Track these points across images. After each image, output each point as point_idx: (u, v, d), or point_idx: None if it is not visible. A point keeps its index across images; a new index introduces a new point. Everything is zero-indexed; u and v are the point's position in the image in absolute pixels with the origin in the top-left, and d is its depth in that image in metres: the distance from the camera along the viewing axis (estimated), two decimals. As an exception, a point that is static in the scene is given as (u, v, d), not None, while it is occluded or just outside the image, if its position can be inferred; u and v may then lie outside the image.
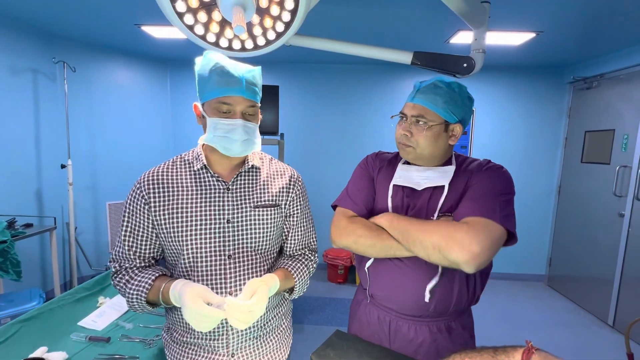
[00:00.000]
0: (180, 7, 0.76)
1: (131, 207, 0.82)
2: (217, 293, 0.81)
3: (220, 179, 0.84)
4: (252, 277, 0.84)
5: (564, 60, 3.09)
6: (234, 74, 0.77)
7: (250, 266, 0.84)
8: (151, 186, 0.81)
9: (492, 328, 2.64)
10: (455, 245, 0.73)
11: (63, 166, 2.70)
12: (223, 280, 0.81)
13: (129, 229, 0.82)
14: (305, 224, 0.96)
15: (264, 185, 0.88)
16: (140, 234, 0.82)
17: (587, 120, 3.10)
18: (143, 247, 0.83)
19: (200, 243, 0.80)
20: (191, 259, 0.81)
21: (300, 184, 0.95)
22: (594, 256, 2.93)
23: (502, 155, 3.48)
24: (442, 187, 0.89)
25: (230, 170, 0.86)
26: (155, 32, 2.59)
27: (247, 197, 0.85)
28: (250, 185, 0.87)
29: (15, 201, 2.49)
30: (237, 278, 0.83)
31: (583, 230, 3.08)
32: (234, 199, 0.84)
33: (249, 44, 0.87)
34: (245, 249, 0.83)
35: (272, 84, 2.64)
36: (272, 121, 2.53)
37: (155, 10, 2.08)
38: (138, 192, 0.82)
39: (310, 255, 0.97)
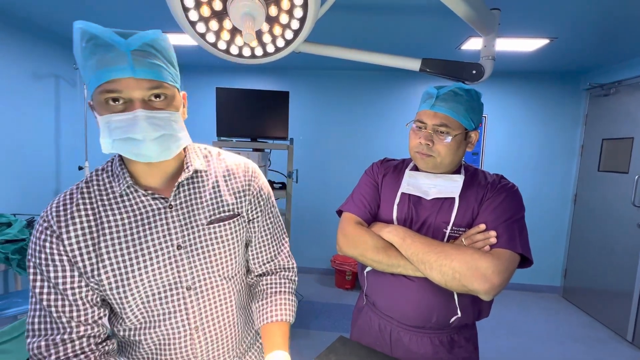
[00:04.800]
0: (193, 16, 0.79)
1: (41, 254, 0.57)
2: (180, 331, 0.66)
3: (156, 195, 0.63)
4: (220, 307, 0.69)
5: (579, 66, 3.03)
6: (112, 44, 0.52)
7: (216, 294, 0.68)
8: (62, 218, 0.58)
9: (503, 341, 2.57)
10: (479, 276, 0.74)
11: (80, 168, 2.80)
12: (185, 317, 0.66)
13: (45, 282, 0.57)
14: (271, 226, 0.77)
15: (214, 192, 0.68)
16: (69, 282, 0.57)
17: (605, 127, 3.01)
18: (77, 302, 0.58)
19: (150, 280, 0.61)
20: (142, 301, 0.62)
21: (257, 180, 0.75)
22: (611, 268, 2.83)
23: (515, 163, 3.42)
24: (451, 197, 0.87)
25: (167, 180, 0.65)
26: (169, 39, 2.67)
27: (196, 213, 0.66)
28: (198, 197, 0.67)
29: (34, 201, 2.59)
30: (202, 311, 0.67)
31: (600, 240, 2.98)
32: (181, 217, 0.64)
33: (259, 51, 0.89)
34: (206, 276, 0.67)
35: (282, 90, 2.68)
36: (281, 126, 2.55)
37: (169, 18, 2.15)
38: (46, 228, 0.58)
39: (287, 271, 0.81)
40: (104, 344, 0.62)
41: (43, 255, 0.57)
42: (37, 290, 0.58)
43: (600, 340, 2.63)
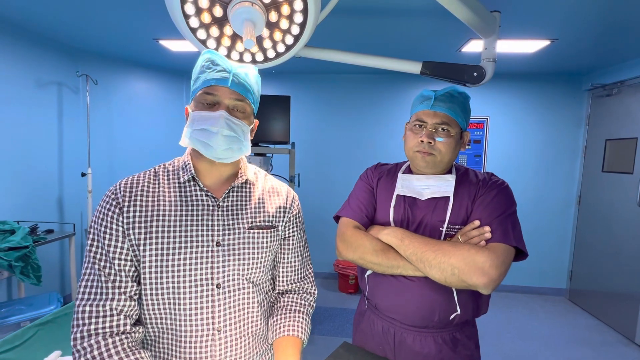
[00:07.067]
0: (194, 23, 0.79)
1: (102, 222, 0.65)
2: (204, 328, 0.69)
3: (209, 193, 0.72)
4: (245, 311, 0.73)
5: (581, 67, 3.02)
6: (222, 65, 0.69)
7: (242, 297, 0.72)
8: (127, 193, 0.67)
9: (508, 344, 2.54)
10: (477, 270, 0.75)
11: (83, 174, 2.81)
12: (211, 314, 0.69)
13: (100, 248, 0.64)
14: (302, 248, 0.85)
15: (259, 203, 0.77)
16: (118, 252, 0.64)
17: (608, 128, 3.00)
18: (120, 272, 0.64)
19: (185, 269, 0.67)
20: (173, 289, 0.67)
21: (297, 203, 0.84)
22: (618, 270, 2.80)
23: (518, 164, 3.40)
24: (445, 197, 0.90)
25: (221, 184, 0.75)
26: (172, 45, 2.69)
27: (240, 216, 0.73)
28: (244, 203, 0.75)
29: (38, 208, 2.60)
30: (228, 311, 0.70)
31: (606, 242, 2.95)
32: (225, 218, 0.72)
33: (260, 57, 0.89)
34: (236, 277, 0.71)
35: (283, 94, 2.69)
36: (283, 130, 2.56)
37: (172, 25, 2.16)
38: (112, 199, 0.66)
39: (309, 295, 0.85)
40: (136, 329, 0.66)
41: (104, 223, 0.65)
42: (92, 255, 0.65)
43: (608, 343, 2.60)
